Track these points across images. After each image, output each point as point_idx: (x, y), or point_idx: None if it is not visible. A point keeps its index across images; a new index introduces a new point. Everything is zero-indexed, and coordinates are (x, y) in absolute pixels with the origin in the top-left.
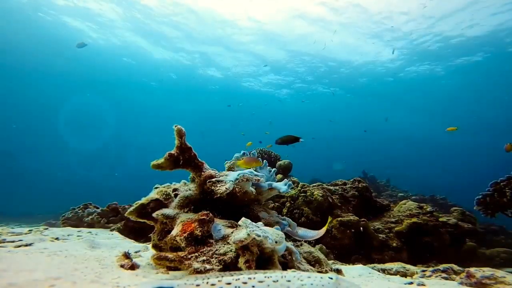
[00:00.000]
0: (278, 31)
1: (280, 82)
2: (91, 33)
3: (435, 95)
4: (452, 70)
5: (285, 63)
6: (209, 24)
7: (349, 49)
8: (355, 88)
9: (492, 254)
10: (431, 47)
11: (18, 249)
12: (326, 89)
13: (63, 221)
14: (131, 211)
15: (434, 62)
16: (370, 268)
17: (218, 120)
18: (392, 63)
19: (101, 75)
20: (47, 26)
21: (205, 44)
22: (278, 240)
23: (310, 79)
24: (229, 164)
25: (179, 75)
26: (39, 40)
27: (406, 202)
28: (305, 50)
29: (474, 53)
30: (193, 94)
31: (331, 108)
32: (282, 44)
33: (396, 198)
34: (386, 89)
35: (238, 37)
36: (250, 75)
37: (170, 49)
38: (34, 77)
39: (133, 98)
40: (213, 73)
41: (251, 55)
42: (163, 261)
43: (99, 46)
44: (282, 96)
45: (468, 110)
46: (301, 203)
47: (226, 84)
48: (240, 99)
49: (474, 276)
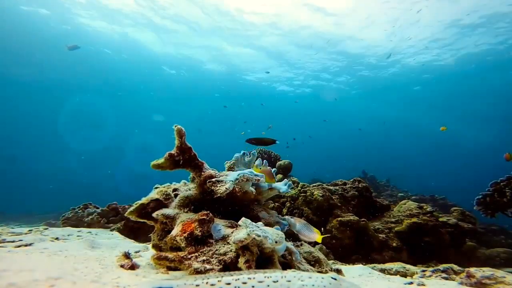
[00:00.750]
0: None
1: (291, 79)
2: (91, 33)
3: (436, 94)
4: (453, 71)
5: (296, 59)
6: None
7: (363, 44)
8: (358, 85)
9: (492, 254)
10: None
11: (18, 249)
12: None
13: (63, 221)
14: (131, 211)
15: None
16: (370, 268)
17: (218, 120)
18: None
19: (102, 75)
20: (47, 26)
21: (209, 37)
22: (278, 240)
23: (325, 76)
24: (229, 164)
25: (183, 72)
26: (39, 41)
27: (406, 202)
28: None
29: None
30: (194, 93)
31: (331, 107)
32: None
33: (396, 198)
34: (386, 89)
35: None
36: (251, 70)
37: (174, 45)
38: (34, 77)
39: (133, 98)
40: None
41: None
42: (163, 261)
43: (100, 47)
44: (282, 90)
45: (468, 110)
46: (301, 203)
47: (229, 80)
48: (240, 97)
49: (474, 276)
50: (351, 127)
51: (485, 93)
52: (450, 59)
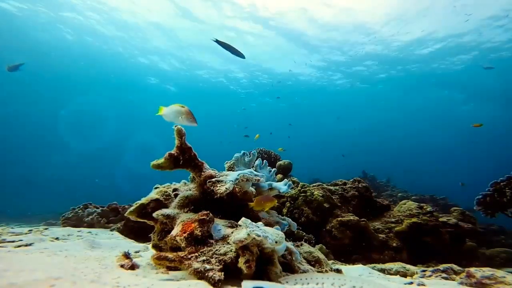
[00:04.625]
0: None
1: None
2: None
3: (434, 95)
4: (452, 71)
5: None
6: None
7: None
8: (357, 83)
9: (492, 254)
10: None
11: (18, 249)
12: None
13: (63, 221)
14: (131, 211)
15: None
16: (370, 268)
17: (220, 120)
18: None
19: (102, 74)
20: (45, 26)
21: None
22: (278, 240)
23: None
24: (229, 164)
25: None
26: (38, 40)
27: (406, 202)
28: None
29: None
30: (197, 92)
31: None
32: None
33: (396, 198)
34: (386, 88)
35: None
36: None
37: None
38: (34, 77)
39: (133, 97)
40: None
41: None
42: (163, 261)
43: (99, 47)
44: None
45: (468, 109)
46: (301, 203)
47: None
48: (241, 92)
49: (474, 276)
50: (351, 127)
51: (486, 93)
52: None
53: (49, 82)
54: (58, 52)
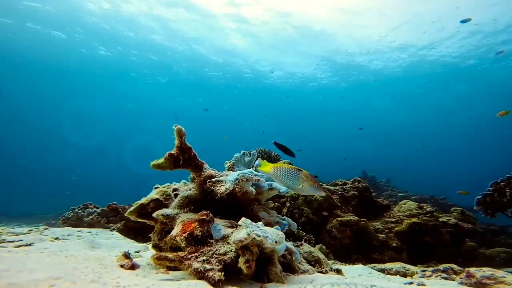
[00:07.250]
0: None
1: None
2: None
3: (435, 94)
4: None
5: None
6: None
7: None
8: (357, 83)
9: (492, 254)
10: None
11: (18, 249)
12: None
13: (63, 221)
14: (131, 211)
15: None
16: (370, 268)
17: (222, 120)
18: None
19: (102, 74)
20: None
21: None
22: (278, 240)
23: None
24: (229, 164)
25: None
26: (38, 40)
27: (406, 202)
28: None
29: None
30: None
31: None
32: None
33: (396, 198)
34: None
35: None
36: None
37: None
38: (34, 77)
39: (133, 96)
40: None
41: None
42: (163, 261)
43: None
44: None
45: (466, 108)
46: (301, 203)
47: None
48: (240, 92)
49: (474, 276)
50: (351, 126)
51: (486, 93)
52: (453, 60)
53: (49, 82)
54: (59, 49)
